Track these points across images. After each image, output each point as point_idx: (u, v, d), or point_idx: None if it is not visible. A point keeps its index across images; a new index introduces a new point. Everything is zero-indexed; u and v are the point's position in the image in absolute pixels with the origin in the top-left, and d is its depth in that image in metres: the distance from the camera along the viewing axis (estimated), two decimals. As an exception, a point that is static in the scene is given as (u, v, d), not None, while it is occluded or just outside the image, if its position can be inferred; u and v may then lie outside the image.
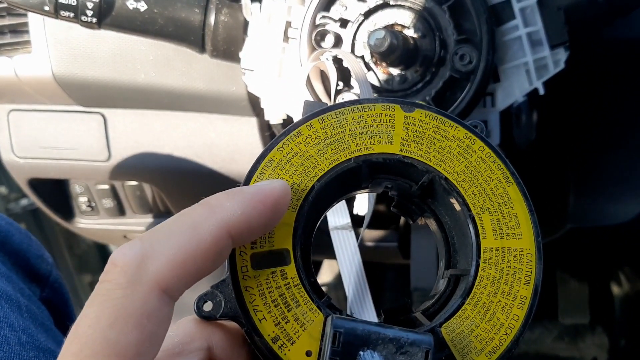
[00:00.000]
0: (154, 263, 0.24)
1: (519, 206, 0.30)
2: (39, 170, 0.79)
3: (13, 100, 0.76)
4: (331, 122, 0.31)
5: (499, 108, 0.50)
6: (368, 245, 0.78)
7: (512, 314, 0.29)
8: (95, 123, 0.75)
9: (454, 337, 0.29)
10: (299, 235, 0.29)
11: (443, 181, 0.31)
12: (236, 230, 0.26)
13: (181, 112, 0.71)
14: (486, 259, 0.30)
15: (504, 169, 0.31)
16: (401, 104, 0.31)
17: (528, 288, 0.29)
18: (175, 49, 0.64)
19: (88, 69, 0.68)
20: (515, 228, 0.30)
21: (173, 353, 0.28)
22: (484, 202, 0.30)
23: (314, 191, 0.30)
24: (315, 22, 0.50)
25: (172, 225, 0.26)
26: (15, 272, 0.52)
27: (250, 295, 0.28)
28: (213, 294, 0.29)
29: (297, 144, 0.30)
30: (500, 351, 0.29)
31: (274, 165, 0.30)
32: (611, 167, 0.70)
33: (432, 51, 0.48)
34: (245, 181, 0.30)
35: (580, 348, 1.25)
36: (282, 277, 0.29)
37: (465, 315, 0.29)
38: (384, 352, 0.26)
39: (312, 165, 0.30)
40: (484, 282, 0.29)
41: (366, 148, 0.31)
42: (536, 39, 0.48)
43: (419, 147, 0.31)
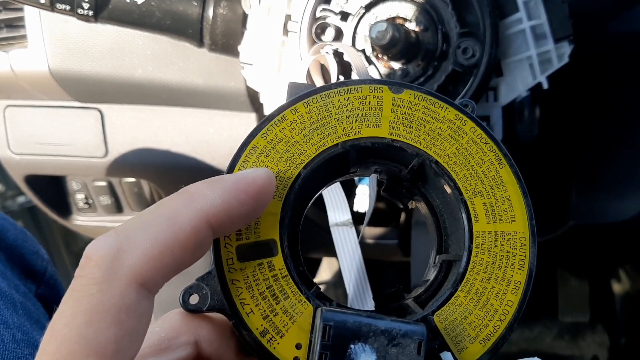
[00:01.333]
0: (130, 255, 0.23)
1: (512, 188, 0.29)
2: (36, 167, 0.79)
3: (9, 96, 0.76)
4: (317, 106, 0.30)
5: (502, 103, 0.49)
6: (368, 243, 0.78)
7: (506, 300, 0.28)
8: (92, 119, 0.74)
9: (446, 325, 0.28)
10: (285, 224, 0.28)
11: (434, 165, 0.30)
12: (216, 219, 0.25)
13: (179, 107, 0.70)
14: (479, 243, 0.29)
15: (496, 151, 0.30)
16: (389, 85, 0.30)
17: (522, 273, 0.29)
18: (173, 43, 0.64)
19: (85, 64, 0.67)
20: (509, 211, 0.29)
21: (159, 348, 0.27)
22: (476, 185, 0.29)
23: (301, 179, 0.29)
24: (315, 15, 0.49)
25: (149, 216, 0.24)
26: (10, 268, 0.51)
27: (237, 289, 0.27)
28: (199, 286, 0.28)
29: (282, 130, 0.29)
30: (495, 338, 0.28)
31: (258, 153, 0.29)
32: (614, 164, 0.69)
33: (434, 45, 0.47)
34: (228, 169, 0.29)
35: (580, 346, 1.25)
36: (269, 268, 0.28)
37: (458, 302, 0.28)
38: (376, 344, 0.25)
39: (297, 152, 0.29)
40: (476, 267, 0.29)
41: (354, 132, 0.30)
42: (540, 32, 0.47)
43: (408, 129, 0.30)
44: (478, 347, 0.28)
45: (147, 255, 0.23)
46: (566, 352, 1.25)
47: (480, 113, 0.50)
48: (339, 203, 0.47)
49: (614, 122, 0.68)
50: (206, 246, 0.25)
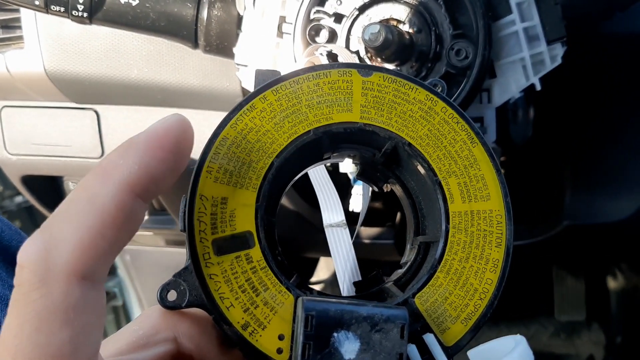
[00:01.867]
0: (61, 252, 0.22)
1: (485, 167, 0.29)
2: (32, 167, 0.79)
3: (5, 97, 0.76)
4: (286, 93, 0.29)
5: (495, 104, 0.49)
6: (365, 243, 0.78)
7: (485, 278, 0.29)
8: (88, 119, 0.74)
9: (428, 307, 0.28)
10: (261, 215, 0.28)
11: (407, 147, 0.30)
12: (140, 187, 0.23)
13: (175, 108, 0.70)
14: (455, 224, 0.29)
15: (468, 130, 0.30)
16: (358, 69, 0.30)
17: (500, 250, 0.29)
18: (168, 44, 0.64)
19: (80, 65, 0.67)
20: (483, 190, 0.29)
21: (137, 345, 0.27)
22: (450, 165, 0.29)
23: (274, 168, 0.28)
24: (309, 17, 0.50)
25: (69, 205, 0.23)
26: (5, 269, 0.51)
27: (215, 283, 0.27)
28: (176, 282, 0.27)
29: (252, 119, 0.29)
30: (476, 317, 0.28)
31: (229, 144, 0.28)
32: (608, 164, 0.70)
33: (427, 46, 0.47)
34: (198, 162, 0.28)
35: (576, 345, 1.25)
36: (247, 261, 0.27)
37: (438, 283, 0.28)
38: (359, 331, 0.25)
39: (269, 141, 0.29)
40: (454, 247, 0.29)
41: (325, 118, 0.29)
42: (533, 34, 0.47)
43: (380, 112, 0.30)
44: (460, 327, 0.28)
45: (78, 247, 0.22)
46: (562, 350, 1.25)
47: (474, 114, 0.50)
48: (332, 204, 0.47)
49: (607, 123, 0.69)
50: (140, 215, 0.24)
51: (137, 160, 0.23)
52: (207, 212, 0.28)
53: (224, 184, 0.28)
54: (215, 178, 0.28)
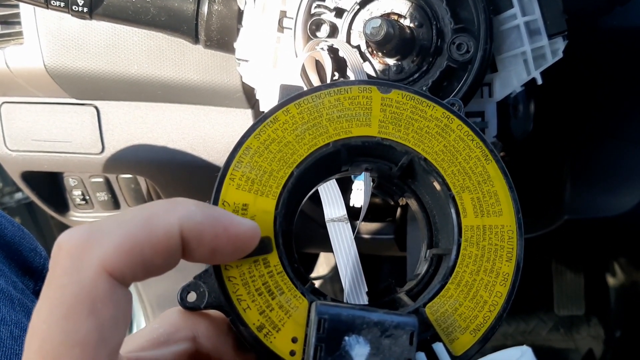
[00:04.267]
0: (100, 246, 0.23)
1: (498, 183, 0.30)
2: (32, 164, 0.79)
3: (5, 93, 0.76)
4: (308, 107, 0.31)
5: (496, 98, 0.49)
6: (365, 238, 0.78)
7: (495, 291, 0.29)
8: (88, 115, 0.74)
9: (438, 317, 0.29)
10: (279, 222, 0.29)
11: (422, 162, 0.31)
12: (189, 233, 0.25)
13: (175, 104, 0.70)
14: (467, 237, 0.30)
15: (482, 147, 0.31)
16: (378, 86, 0.31)
17: (510, 264, 0.29)
18: (168, 39, 0.64)
19: (80, 61, 0.67)
20: (496, 205, 0.30)
21: (157, 343, 0.28)
22: (464, 180, 0.30)
23: (293, 177, 0.30)
24: (310, 12, 0.50)
25: (127, 214, 0.25)
26: (7, 265, 0.52)
27: (234, 285, 0.28)
28: (196, 284, 0.29)
29: (274, 130, 0.30)
30: (485, 328, 0.29)
31: (252, 153, 0.30)
32: (608, 158, 0.70)
33: (429, 41, 0.47)
34: (222, 170, 0.29)
35: (575, 339, 1.25)
36: (264, 265, 0.29)
37: (449, 294, 0.29)
38: (369, 336, 0.26)
39: (290, 152, 0.30)
40: (466, 260, 0.30)
41: (344, 132, 0.30)
42: (534, 28, 0.47)
43: (397, 128, 0.31)
44: (469, 337, 0.29)
45: (116, 248, 0.23)
46: (562, 345, 1.26)
47: (475, 109, 0.50)
48: (334, 199, 0.47)
49: (607, 117, 0.69)
50: (175, 257, 0.25)
51: (203, 216, 0.25)
52: None
53: (245, 191, 0.29)
54: (238, 185, 0.29)
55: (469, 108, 0.49)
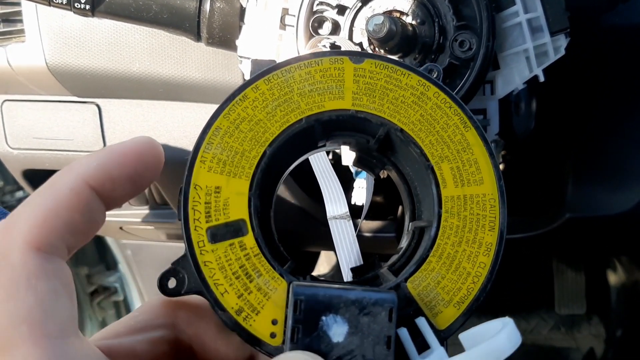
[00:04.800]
0: (18, 227, 0.24)
1: (478, 151, 0.29)
2: (34, 162, 0.79)
3: (6, 91, 0.76)
4: (278, 82, 0.30)
5: (498, 96, 0.49)
6: (366, 236, 0.78)
7: (478, 262, 0.29)
8: (90, 113, 0.74)
9: (420, 291, 0.28)
10: (254, 203, 0.29)
11: (399, 133, 0.30)
12: (94, 180, 0.26)
13: (177, 102, 0.70)
14: (448, 208, 0.29)
15: (460, 114, 0.30)
16: (350, 56, 0.30)
17: (493, 234, 0.29)
18: (170, 37, 0.64)
19: (82, 58, 0.67)
20: (476, 174, 0.29)
21: (134, 329, 0.28)
22: (442, 150, 0.29)
23: (266, 157, 0.29)
24: (312, 9, 0.50)
25: (33, 194, 0.26)
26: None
27: (210, 270, 0.28)
28: (175, 270, 0.28)
29: (244, 109, 0.29)
30: (469, 300, 0.28)
31: (222, 134, 0.29)
32: (610, 156, 0.70)
33: (431, 38, 0.47)
34: (192, 152, 0.29)
35: (576, 338, 1.25)
36: (240, 248, 0.28)
37: (431, 267, 0.29)
38: (347, 315, 0.26)
39: (261, 130, 0.29)
40: (447, 232, 0.29)
41: (317, 106, 0.30)
42: (536, 25, 0.47)
43: (372, 99, 0.30)
44: (452, 310, 0.28)
45: (32, 222, 0.25)
46: (562, 344, 1.26)
47: (477, 106, 0.50)
48: (336, 196, 0.47)
49: (609, 115, 0.69)
50: (95, 207, 0.27)
51: (97, 159, 0.27)
52: (202, 201, 0.28)
53: (217, 173, 0.29)
54: (209, 167, 0.29)
55: (471, 105, 0.49)
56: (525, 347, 1.25)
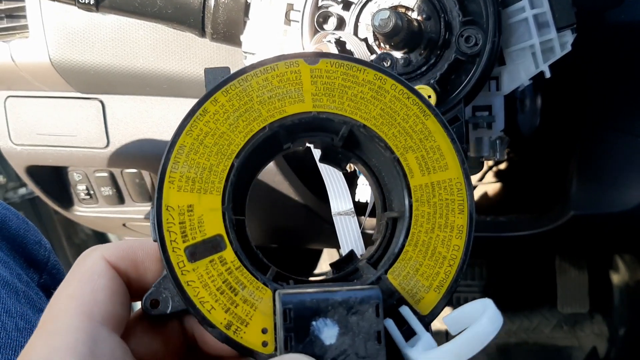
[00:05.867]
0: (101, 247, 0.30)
1: (440, 137, 0.30)
2: (37, 158, 0.79)
3: (10, 87, 0.76)
4: (236, 92, 0.30)
5: (504, 92, 0.49)
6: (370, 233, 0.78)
7: (452, 245, 0.30)
8: (93, 109, 0.74)
9: (401, 281, 0.29)
10: (229, 217, 0.29)
11: (362, 129, 0.30)
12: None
13: (181, 98, 0.70)
14: (418, 197, 0.30)
15: (419, 103, 0.30)
16: (304, 57, 0.30)
17: (463, 216, 0.30)
18: (174, 33, 0.64)
19: (86, 54, 0.67)
20: (440, 160, 0.30)
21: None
22: (406, 141, 0.30)
23: (234, 169, 0.29)
24: (317, 4, 0.49)
25: None
26: (12, 257, 0.51)
27: (194, 289, 0.28)
28: (158, 291, 0.29)
29: (206, 123, 0.29)
30: (448, 283, 0.29)
31: (187, 151, 0.29)
32: (615, 154, 0.69)
33: (436, 33, 0.47)
34: (160, 174, 0.28)
35: (579, 337, 1.25)
36: (221, 263, 0.28)
37: (408, 257, 0.29)
38: (336, 316, 0.26)
39: (226, 143, 0.29)
40: (419, 220, 0.30)
41: (278, 112, 0.30)
42: (543, 21, 0.47)
43: (332, 98, 0.30)
44: (433, 295, 0.29)
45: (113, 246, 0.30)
46: (565, 342, 1.25)
47: (482, 102, 0.50)
48: (341, 193, 0.47)
49: (614, 112, 0.68)
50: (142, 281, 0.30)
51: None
52: (176, 221, 0.28)
53: (187, 192, 0.29)
54: (179, 187, 0.29)
55: (477, 102, 0.49)
56: (527, 345, 1.25)
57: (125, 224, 0.91)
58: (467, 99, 0.46)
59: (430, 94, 0.45)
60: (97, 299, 0.28)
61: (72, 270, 0.29)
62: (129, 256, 0.29)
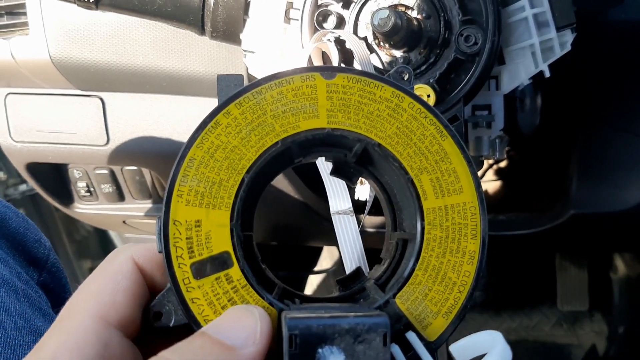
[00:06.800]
0: (133, 247, 0.30)
1: (456, 160, 0.29)
2: (37, 155, 0.79)
3: (10, 84, 0.76)
4: (250, 105, 0.29)
5: (504, 91, 0.49)
6: (369, 232, 0.78)
7: (463, 271, 0.29)
8: (93, 107, 0.74)
9: (409, 306, 0.29)
10: (237, 234, 0.28)
11: (376, 147, 0.29)
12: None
13: (180, 95, 0.70)
14: (430, 220, 0.29)
15: (436, 123, 0.30)
16: (320, 72, 0.29)
17: (475, 242, 0.29)
18: (174, 31, 0.63)
19: (86, 52, 0.67)
20: (455, 183, 0.29)
21: None
22: (421, 162, 0.29)
23: (245, 184, 0.28)
24: (317, 3, 0.49)
25: None
26: (12, 256, 0.52)
27: (198, 307, 0.27)
28: (161, 303, 0.28)
29: (218, 136, 0.28)
30: (456, 310, 0.29)
31: (197, 164, 0.28)
32: (615, 153, 0.69)
33: (436, 32, 0.47)
34: (168, 187, 0.28)
35: (578, 335, 1.25)
36: (227, 281, 0.28)
37: (417, 281, 0.29)
38: (342, 344, 0.25)
39: (237, 157, 0.28)
40: (431, 244, 0.29)
41: (292, 127, 0.29)
42: (542, 20, 0.47)
43: (347, 115, 0.29)
44: (441, 321, 0.29)
45: (144, 247, 0.30)
46: (565, 340, 1.26)
47: (482, 102, 0.50)
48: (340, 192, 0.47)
49: (614, 111, 0.68)
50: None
51: None
52: (182, 236, 0.28)
53: (196, 206, 0.28)
54: (187, 201, 0.28)
55: (476, 101, 0.49)
56: (527, 343, 1.25)
57: (125, 221, 0.91)
58: (466, 98, 0.46)
59: (430, 93, 0.45)
60: (115, 301, 0.27)
61: (100, 267, 0.29)
62: (157, 259, 0.29)
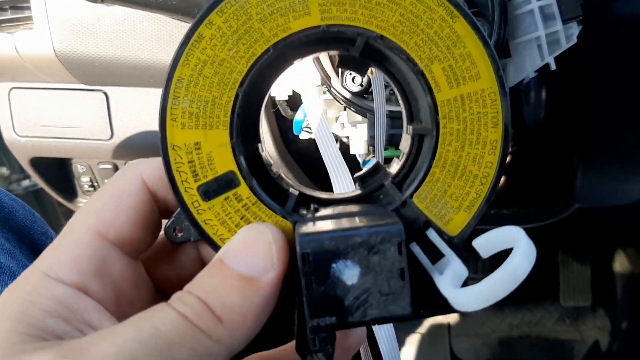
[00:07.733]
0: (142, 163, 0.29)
1: (470, 42, 0.26)
2: (41, 149, 0.79)
3: (14, 78, 0.76)
4: (233, 11, 0.26)
5: (509, 84, 0.49)
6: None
7: (484, 162, 0.27)
8: (97, 101, 0.74)
9: (428, 203, 0.27)
10: (239, 151, 0.27)
11: (379, 40, 0.26)
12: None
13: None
14: (445, 113, 0.27)
15: (445, 4, 0.26)
16: None
17: (497, 130, 0.27)
18: (178, 24, 0.63)
19: (90, 46, 0.67)
20: (471, 69, 0.26)
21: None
22: (431, 50, 0.26)
23: (240, 99, 0.26)
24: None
25: None
26: (19, 248, 0.52)
27: (212, 227, 0.27)
28: (179, 219, 0.28)
29: (203, 51, 0.26)
30: (479, 202, 0.27)
31: (186, 84, 0.26)
32: (619, 147, 0.69)
33: (442, 25, 0.47)
34: (160, 112, 0.26)
35: (581, 330, 1.25)
36: (237, 199, 0.27)
37: (435, 178, 0.27)
38: (356, 257, 0.24)
39: (227, 71, 0.26)
40: (447, 138, 0.27)
41: (282, 29, 0.26)
42: (548, 12, 0.47)
43: (342, 7, 0.26)
44: (463, 215, 0.27)
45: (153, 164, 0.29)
46: (567, 336, 1.26)
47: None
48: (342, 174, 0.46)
49: (619, 105, 0.68)
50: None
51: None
52: (184, 160, 0.27)
53: (192, 129, 0.27)
54: (182, 124, 0.26)
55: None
56: (530, 338, 1.25)
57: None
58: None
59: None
60: (117, 219, 0.27)
61: (108, 183, 0.28)
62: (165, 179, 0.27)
